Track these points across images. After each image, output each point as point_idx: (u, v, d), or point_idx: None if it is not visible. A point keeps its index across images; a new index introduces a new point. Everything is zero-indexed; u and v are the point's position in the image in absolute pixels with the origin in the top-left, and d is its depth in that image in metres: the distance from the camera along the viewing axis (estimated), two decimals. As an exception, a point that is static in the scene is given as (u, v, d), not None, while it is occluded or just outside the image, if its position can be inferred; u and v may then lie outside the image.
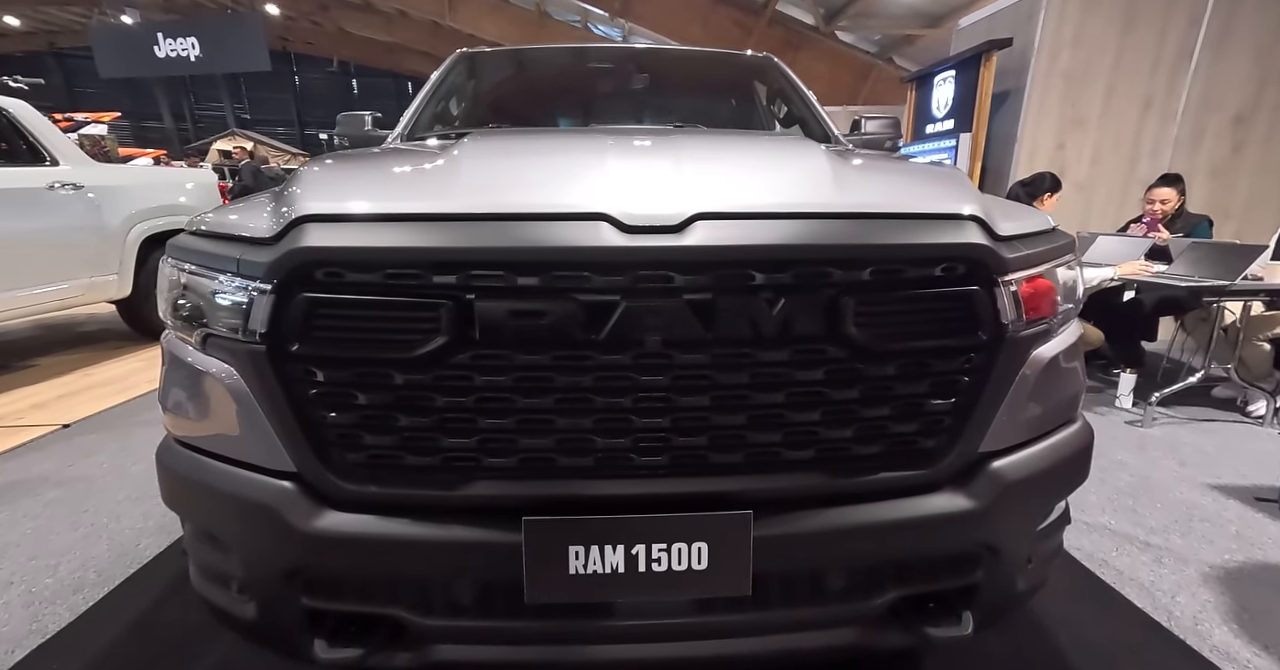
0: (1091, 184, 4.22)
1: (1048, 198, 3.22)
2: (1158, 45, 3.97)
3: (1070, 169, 4.14)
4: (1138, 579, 1.75)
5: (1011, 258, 0.98)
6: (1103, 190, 4.24)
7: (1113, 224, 3.95)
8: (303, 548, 0.96)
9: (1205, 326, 3.09)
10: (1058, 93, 4.05)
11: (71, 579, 1.73)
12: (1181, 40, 3.97)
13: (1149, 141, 4.16)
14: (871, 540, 1.01)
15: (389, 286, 0.90)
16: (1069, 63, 3.99)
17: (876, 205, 1.00)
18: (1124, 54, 3.99)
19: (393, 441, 0.96)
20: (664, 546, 0.93)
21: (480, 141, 1.25)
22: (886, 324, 0.95)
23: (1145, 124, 4.13)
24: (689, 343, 0.91)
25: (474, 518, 0.96)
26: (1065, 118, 4.10)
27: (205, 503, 1.05)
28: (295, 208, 0.94)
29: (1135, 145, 4.16)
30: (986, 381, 1.00)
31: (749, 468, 0.98)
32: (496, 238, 0.90)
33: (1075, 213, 4.16)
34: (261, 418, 0.95)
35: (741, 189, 1.01)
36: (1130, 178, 4.14)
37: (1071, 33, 3.94)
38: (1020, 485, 1.05)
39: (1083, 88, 4.03)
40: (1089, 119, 4.10)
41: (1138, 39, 3.96)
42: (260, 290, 0.91)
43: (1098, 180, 4.23)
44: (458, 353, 0.91)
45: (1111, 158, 4.18)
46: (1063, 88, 4.04)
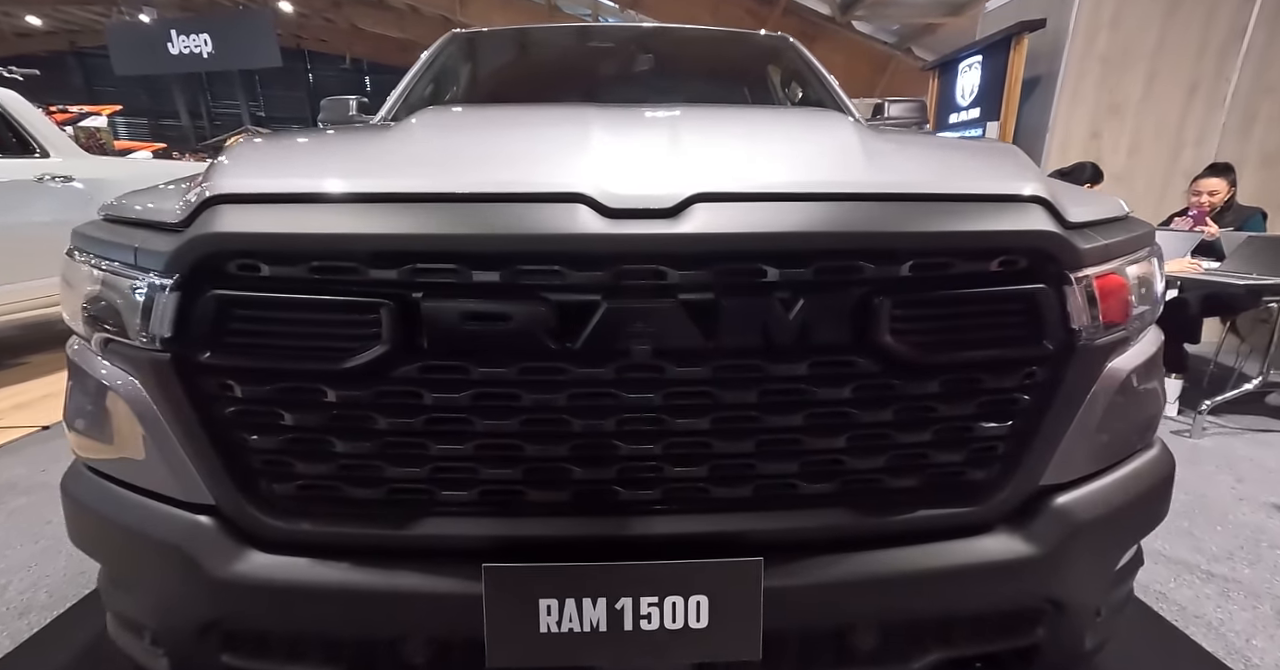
0: (1129, 175, 3.96)
1: (1087, 189, 2.98)
2: (1205, 25, 3.70)
3: (1106, 159, 3.88)
4: (1204, 616, 1.54)
5: (1086, 249, 0.80)
6: (1141, 182, 3.98)
7: (1152, 218, 3.68)
8: (220, 596, 0.81)
9: (1264, 328, 2.84)
10: (1094, 77, 3.80)
11: (19, 601, 1.59)
12: (1233, 19, 3.69)
13: (1194, 128, 3.90)
14: (909, 592, 0.84)
15: (317, 282, 0.74)
16: (1107, 45, 3.73)
17: (918, 185, 0.82)
18: (1168, 35, 3.72)
19: (328, 470, 0.80)
20: (655, 600, 0.77)
21: (438, 113, 1.08)
22: (930, 331, 0.78)
23: (1190, 110, 3.86)
24: (685, 353, 0.76)
25: (426, 563, 0.81)
26: (1101, 104, 3.85)
27: (112, 540, 0.89)
28: (208, 186, 0.78)
29: (1178, 133, 3.90)
30: (1052, 400, 0.83)
31: (759, 504, 0.83)
32: (447, 223, 0.73)
33: (1112, 206, 3.90)
34: (171, 440, 0.80)
35: (752, 165, 0.84)
36: (1172, 168, 3.88)
37: (1110, 13, 3.68)
38: (1092, 526, 0.87)
39: (1121, 72, 3.78)
40: (1127, 105, 3.85)
41: (1183, 18, 3.69)
42: (162, 286, 0.75)
43: (1136, 171, 3.97)
44: (402, 364, 0.75)
45: (1152, 147, 3.92)
46: (1100, 72, 3.79)
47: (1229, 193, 3.25)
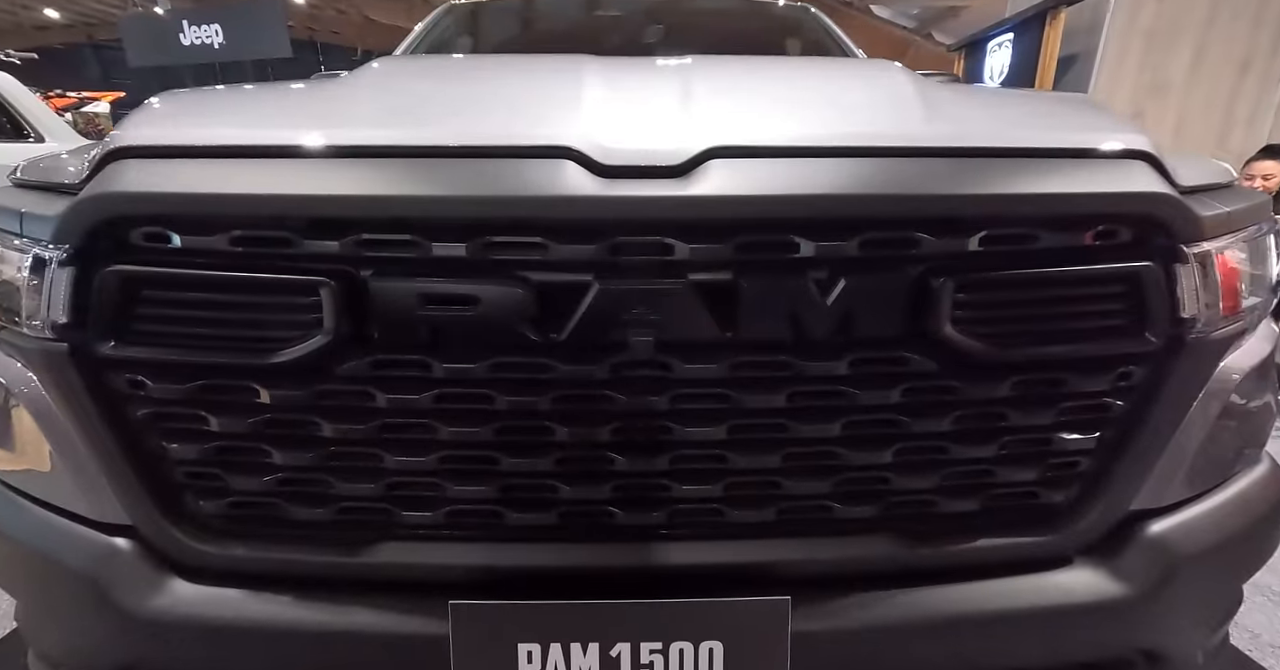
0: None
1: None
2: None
3: (1149, 141, 3.69)
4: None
5: (1207, 217, 0.64)
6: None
7: (1196, 205, 3.49)
8: (138, 634, 0.69)
9: None
10: (1136, 54, 3.58)
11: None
12: (1295, -16, 3.46)
13: (1245, 107, 3.68)
14: (967, 638, 0.72)
15: (241, 256, 0.60)
16: (1152, 19, 3.51)
17: (990, 138, 0.67)
18: (1220, 7, 3.50)
19: (263, 485, 0.67)
20: (659, 646, 0.65)
21: (401, 60, 0.94)
22: (1003, 320, 0.65)
23: (1242, 87, 3.64)
24: (697, 346, 0.62)
25: (383, 597, 0.69)
26: (1143, 83, 3.64)
27: (20, 566, 0.76)
28: (113, 139, 0.64)
29: (1228, 112, 3.68)
30: (1153, 406, 0.69)
31: (786, 530, 0.70)
32: (401, 183, 0.60)
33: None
34: (79, 449, 0.67)
35: (781, 114, 0.69)
36: (1219, 151, 3.64)
37: (1158, -17, 3.47)
38: (1195, 560, 0.72)
39: (1167, 47, 3.56)
40: (1172, 83, 3.63)
41: (1239, -16, 3.46)
42: (54, 260, 0.61)
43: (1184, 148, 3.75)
44: (349, 358, 0.62)
45: (1198, 127, 3.71)
46: (1143, 48, 3.57)
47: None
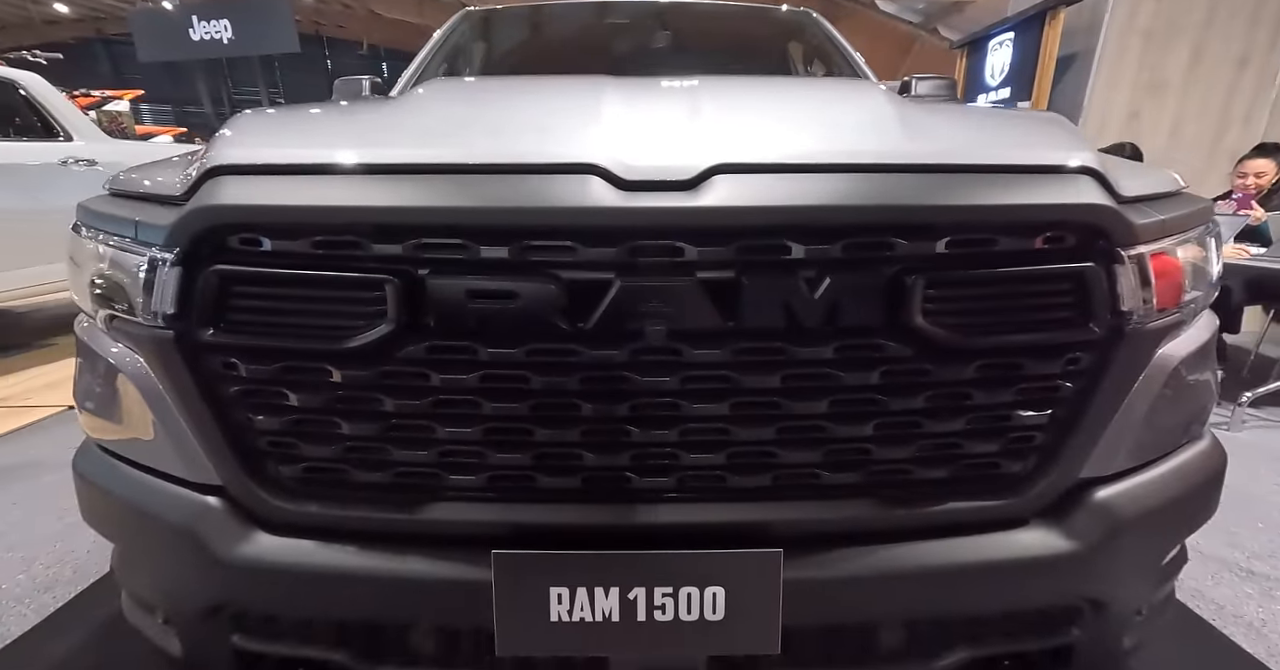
0: (1170, 156, 3.79)
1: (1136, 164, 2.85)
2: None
3: (1146, 139, 3.70)
4: (1244, 616, 1.48)
5: (1141, 224, 0.74)
6: (1182, 163, 3.81)
7: (1194, 201, 3.54)
8: (228, 578, 0.80)
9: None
10: (1134, 53, 3.62)
11: (45, 576, 1.62)
12: (1290, -14, 3.50)
13: (1242, 106, 3.71)
14: (937, 587, 0.81)
15: (319, 258, 0.71)
16: (1150, 19, 3.55)
17: (957, 155, 0.76)
18: (1218, 6, 3.53)
19: (334, 452, 0.78)
20: (669, 591, 0.75)
21: (445, 83, 1.04)
22: (967, 312, 0.74)
23: (1239, 86, 3.67)
24: (703, 334, 0.71)
25: (435, 548, 0.79)
26: (1141, 82, 3.67)
27: (122, 520, 0.88)
28: (210, 157, 0.75)
29: (1225, 111, 3.71)
30: (1098, 387, 0.78)
31: (780, 494, 0.79)
32: (452, 196, 0.70)
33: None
34: (178, 420, 0.78)
35: (776, 134, 0.79)
36: (1216, 148, 3.70)
37: (1155, -17, 3.51)
38: (1135, 522, 0.82)
39: (1165, 47, 3.59)
40: (1170, 83, 3.66)
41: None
42: (163, 261, 0.73)
43: (1177, 151, 3.79)
44: (408, 344, 0.73)
45: (1195, 126, 3.74)
46: (1140, 47, 3.61)
47: (1277, 175, 3.09)
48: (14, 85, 3.43)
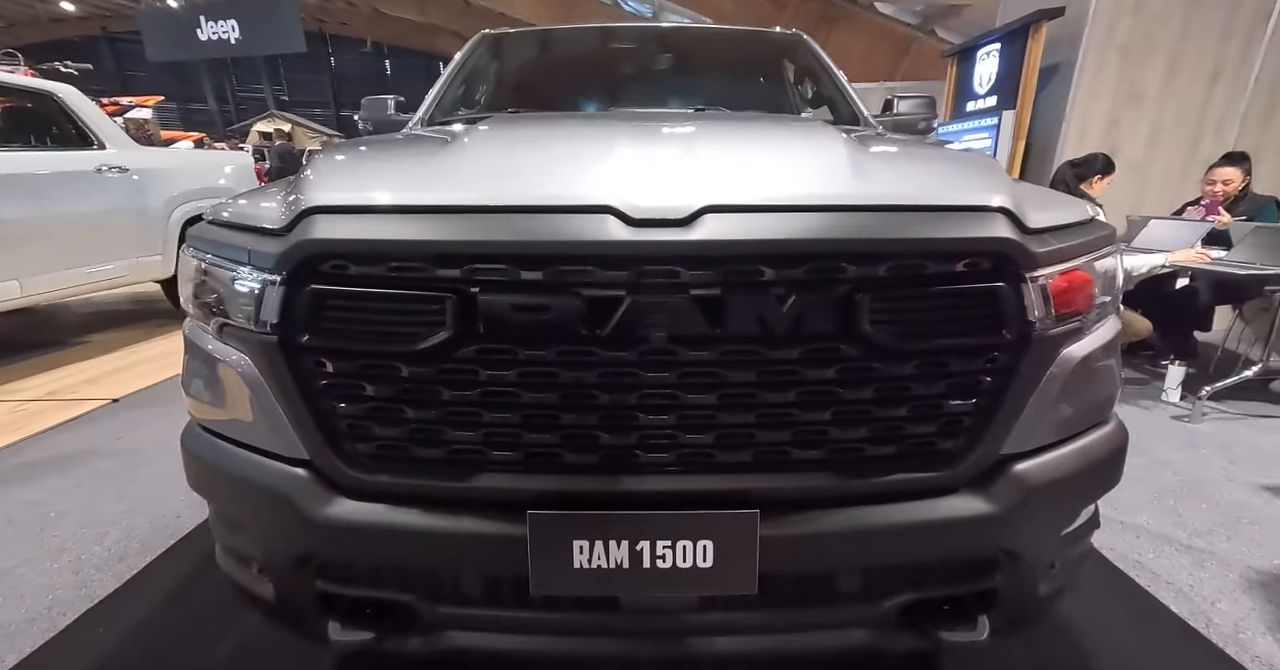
0: (1148, 163, 3.96)
1: (1098, 181, 3.04)
2: (1230, 11, 3.66)
3: (1124, 148, 3.89)
4: (1175, 583, 1.67)
5: (1041, 252, 0.92)
6: (1159, 170, 3.99)
7: (1169, 206, 3.71)
8: (315, 534, 0.98)
9: (1265, 316, 2.90)
10: (1113, 66, 3.79)
11: (118, 548, 1.83)
12: (1258, 4, 3.65)
13: (1214, 117, 3.88)
14: (884, 543, 0.97)
15: (393, 279, 0.89)
16: (1128, 33, 3.72)
17: (895, 196, 0.94)
18: (1191, 21, 3.69)
19: (400, 433, 0.96)
20: (669, 543, 0.91)
21: (487, 131, 1.23)
22: (904, 321, 0.90)
23: (1211, 97, 3.84)
24: (696, 339, 0.88)
25: (481, 510, 0.96)
26: (1120, 93, 3.84)
27: (225, 487, 1.08)
28: (304, 199, 0.94)
29: (1199, 121, 3.88)
30: (1011, 382, 0.95)
31: (757, 467, 0.95)
32: (498, 231, 0.88)
33: (1129, 194, 3.92)
34: (275, 406, 0.97)
35: (753, 180, 0.97)
36: (1191, 157, 3.87)
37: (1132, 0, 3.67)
38: (1044, 489, 1.00)
39: (1142, 59, 3.76)
40: (1147, 93, 3.83)
41: (1207, 5, 3.66)
42: (271, 281, 0.92)
43: (1155, 159, 3.97)
44: (462, 346, 0.90)
45: (1171, 135, 3.91)
46: (1119, 60, 3.78)
47: (1244, 182, 3.27)
48: (52, 97, 3.62)
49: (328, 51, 30.44)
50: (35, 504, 2.07)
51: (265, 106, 26.93)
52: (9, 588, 1.64)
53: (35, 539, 1.87)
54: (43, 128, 3.65)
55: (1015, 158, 3.95)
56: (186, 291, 1.08)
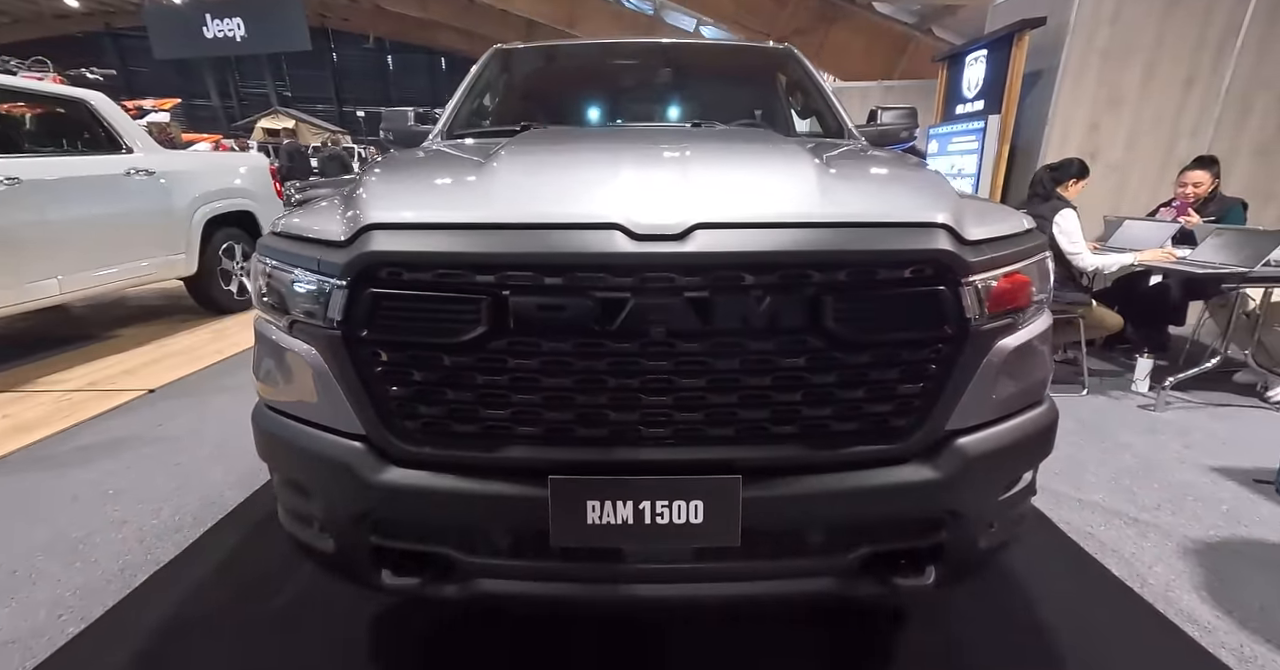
0: (1126, 165, 4.14)
1: (1073, 184, 3.21)
2: (1203, 21, 3.83)
3: (1104, 150, 4.07)
4: (1120, 550, 1.87)
5: (974, 261, 1.10)
6: (1138, 172, 4.16)
7: (1147, 206, 3.89)
8: (371, 496, 1.15)
9: (1225, 312, 3.09)
10: (1093, 72, 3.96)
11: (173, 521, 2.03)
12: (1230, 15, 3.82)
13: (1190, 121, 4.05)
14: (846, 504, 1.12)
15: (439, 283, 1.06)
16: (1107, 41, 3.89)
17: (853, 214, 1.11)
18: (1166, 31, 3.86)
19: (442, 411, 1.13)
20: (666, 503, 1.07)
21: (512, 154, 1.41)
22: (861, 318, 1.06)
23: (1186, 103, 4.01)
24: (688, 333, 1.03)
25: (509, 475, 1.11)
26: (1100, 97, 4.01)
27: (291, 457, 1.26)
28: (363, 216, 1.13)
29: (1175, 125, 4.05)
30: (952, 369, 1.10)
31: (739, 440, 1.10)
32: (526, 244, 1.06)
33: (1108, 195, 4.09)
34: (337, 389, 1.15)
35: (736, 200, 1.14)
36: (1168, 159, 4.05)
37: (1111, 10, 3.83)
38: (981, 459, 1.16)
39: (1120, 66, 3.93)
40: (1126, 98, 4.00)
41: (1182, 15, 3.83)
42: (336, 285, 1.10)
43: (1133, 162, 4.14)
44: (495, 339, 1.06)
45: (1149, 138, 4.08)
46: (1099, 67, 3.95)
47: (1213, 184, 3.45)
48: (85, 103, 3.81)
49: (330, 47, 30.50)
50: (95, 483, 2.27)
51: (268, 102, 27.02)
52: (86, 553, 1.84)
53: (99, 513, 2.07)
54: (76, 133, 3.84)
55: (1000, 160, 4.13)
56: (258, 292, 1.27)
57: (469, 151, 1.67)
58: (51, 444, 2.62)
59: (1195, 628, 1.54)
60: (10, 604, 1.63)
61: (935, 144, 4.91)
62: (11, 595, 1.66)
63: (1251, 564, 1.79)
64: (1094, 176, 3.99)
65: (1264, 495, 2.17)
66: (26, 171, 3.26)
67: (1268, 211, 4.04)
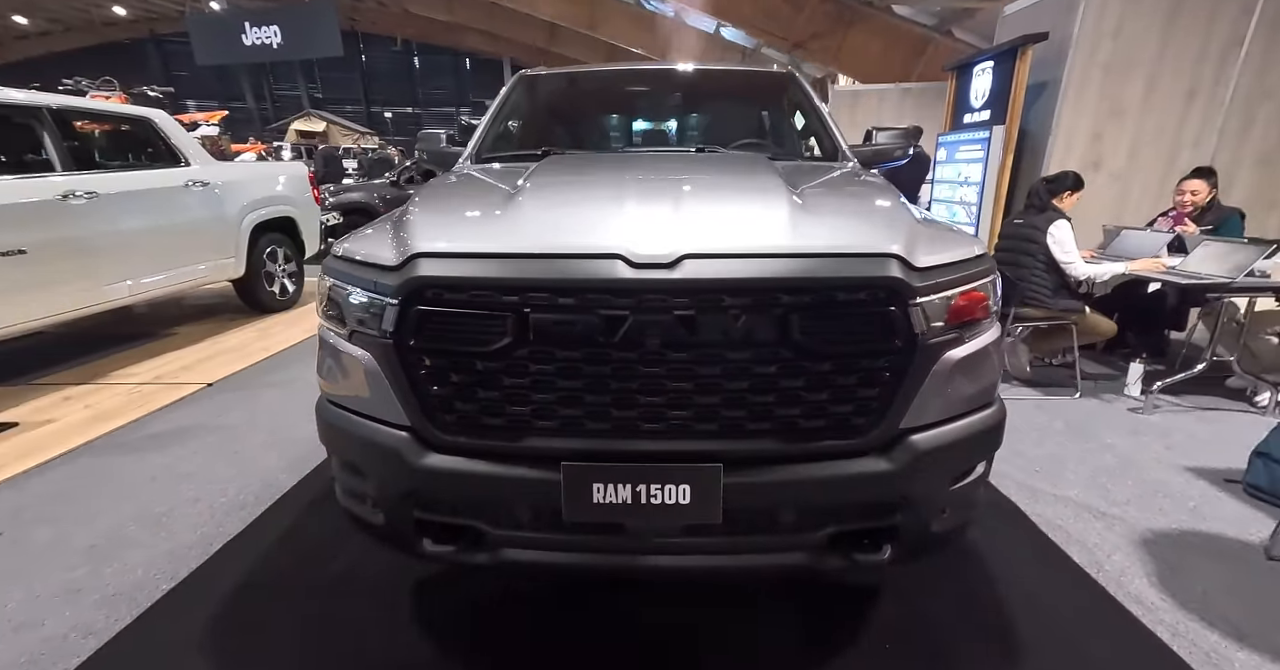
0: (1129, 175, 4.22)
1: (1068, 196, 3.32)
2: (1205, 35, 3.90)
3: (1107, 160, 4.15)
4: (1084, 540, 2.03)
5: (921, 285, 1.28)
6: (1139, 182, 4.24)
7: (1149, 216, 3.98)
8: (416, 477, 1.33)
9: (1212, 319, 3.18)
10: (1096, 84, 4.05)
11: (238, 499, 2.32)
12: (1232, 28, 3.88)
13: (1192, 132, 4.11)
14: (812, 490, 1.29)
15: (474, 302, 1.27)
16: (1109, 55, 3.98)
17: (817, 246, 1.29)
18: (1168, 44, 3.93)
19: (475, 407, 1.33)
20: (659, 487, 1.23)
21: (535, 189, 1.63)
22: (824, 333, 1.24)
23: (1188, 114, 4.07)
24: (678, 345, 1.20)
25: (529, 461, 1.29)
26: (1103, 110, 4.10)
27: (348, 443, 1.50)
28: (412, 245, 1.36)
29: (1177, 136, 4.12)
30: (904, 376, 1.25)
31: (721, 434, 1.27)
32: (544, 270, 1.27)
33: (1111, 204, 4.18)
34: (388, 388, 1.36)
35: (718, 233, 1.32)
36: (1170, 169, 4.12)
37: (1113, 24, 3.92)
38: (931, 453, 1.32)
39: (1123, 78, 4.01)
40: (1128, 110, 4.08)
41: (1183, 28, 3.89)
42: (390, 302, 1.33)
43: (1135, 171, 4.22)
44: (518, 348, 1.24)
45: (1151, 149, 4.15)
46: (1101, 79, 4.04)
47: (1210, 194, 3.53)
48: (149, 122, 4.16)
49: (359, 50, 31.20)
50: (168, 466, 2.58)
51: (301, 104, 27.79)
52: (170, 525, 2.14)
53: (176, 491, 2.38)
54: (141, 148, 4.20)
55: (1004, 170, 4.24)
56: (320, 304, 1.52)
57: (497, 177, 1.90)
58: (128, 431, 2.95)
59: (1139, 607, 1.71)
60: (114, 563, 1.93)
61: (944, 152, 5.03)
62: (113, 557, 1.96)
63: (1204, 555, 1.95)
64: (1097, 186, 4.11)
65: (1231, 494, 2.30)
66: (103, 186, 3.61)
67: (1271, 220, 4.09)
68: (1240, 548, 1.96)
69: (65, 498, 2.34)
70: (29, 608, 1.74)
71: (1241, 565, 1.88)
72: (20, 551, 2.01)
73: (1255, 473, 2.25)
